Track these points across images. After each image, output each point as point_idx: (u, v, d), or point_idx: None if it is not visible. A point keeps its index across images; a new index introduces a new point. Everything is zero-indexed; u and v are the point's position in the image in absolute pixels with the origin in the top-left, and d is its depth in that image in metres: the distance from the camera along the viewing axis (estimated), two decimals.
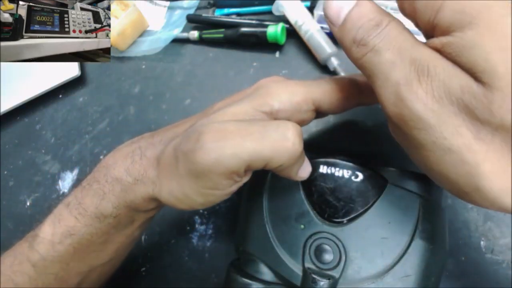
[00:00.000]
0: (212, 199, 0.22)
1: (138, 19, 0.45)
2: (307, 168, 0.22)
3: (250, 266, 0.23)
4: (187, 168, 0.20)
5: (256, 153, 0.19)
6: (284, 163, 0.20)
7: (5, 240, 0.36)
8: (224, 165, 0.19)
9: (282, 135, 0.19)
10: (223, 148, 0.19)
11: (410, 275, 0.20)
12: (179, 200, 0.22)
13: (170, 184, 0.21)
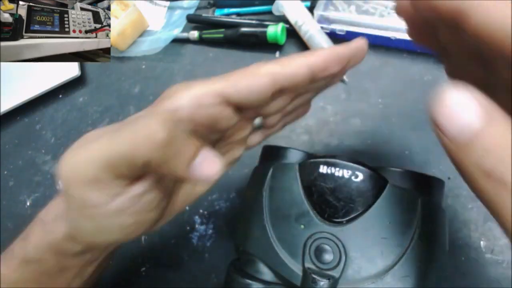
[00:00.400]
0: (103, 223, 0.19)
1: (138, 19, 0.45)
2: (206, 167, 0.18)
3: (250, 266, 0.23)
4: (63, 191, 0.18)
5: (109, 151, 0.17)
6: (150, 158, 0.17)
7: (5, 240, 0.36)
8: (77, 172, 0.17)
9: (135, 126, 0.17)
10: (75, 155, 0.18)
11: (410, 275, 0.20)
12: (79, 231, 0.19)
13: (67, 215, 0.20)
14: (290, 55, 0.22)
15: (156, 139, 0.16)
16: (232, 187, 0.33)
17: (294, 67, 0.21)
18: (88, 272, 0.23)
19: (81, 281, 0.23)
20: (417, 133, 0.33)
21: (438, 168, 0.31)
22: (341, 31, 0.38)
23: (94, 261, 0.23)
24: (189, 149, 0.18)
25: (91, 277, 0.23)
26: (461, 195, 0.29)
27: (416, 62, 0.36)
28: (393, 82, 0.36)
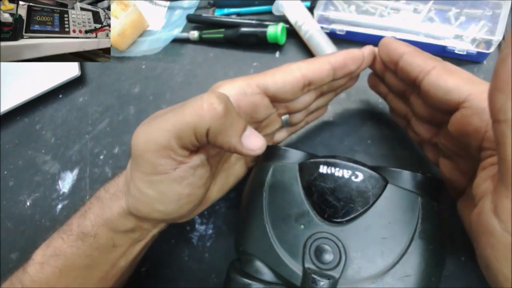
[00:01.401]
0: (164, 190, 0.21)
1: (138, 19, 0.45)
2: (253, 139, 0.22)
3: (250, 266, 0.23)
4: (131, 164, 0.21)
5: (178, 121, 0.20)
6: (211, 126, 0.20)
7: (5, 240, 0.36)
8: (152, 141, 0.20)
9: (200, 101, 0.20)
10: (149, 127, 0.21)
11: (410, 275, 0.20)
12: (137, 198, 0.22)
13: (129, 183, 0.22)
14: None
15: (217, 109, 0.20)
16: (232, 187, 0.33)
17: (319, 63, 0.25)
18: (134, 252, 0.25)
19: (126, 261, 0.25)
20: None
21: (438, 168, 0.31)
22: (341, 31, 0.38)
23: (141, 240, 0.25)
24: (240, 122, 0.21)
25: (134, 260, 0.26)
26: None
27: None
28: None
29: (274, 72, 0.25)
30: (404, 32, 0.36)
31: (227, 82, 0.25)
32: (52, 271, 0.23)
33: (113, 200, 0.23)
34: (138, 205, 0.22)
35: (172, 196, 0.22)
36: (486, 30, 0.35)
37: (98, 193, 0.24)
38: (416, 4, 0.37)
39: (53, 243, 0.24)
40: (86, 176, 0.38)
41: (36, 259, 0.24)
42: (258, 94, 0.25)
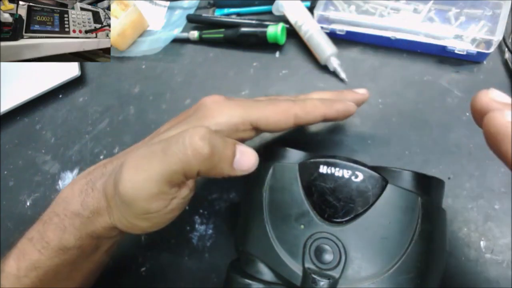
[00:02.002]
0: (158, 221, 0.22)
1: (138, 19, 0.45)
2: (245, 160, 0.22)
3: (250, 266, 0.23)
4: (118, 199, 0.21)
5: (165, 170, 0.20)
6: (200, 169, 0.20)
7: (5, 240, 0.36)
8: (142, 192, 0.20)
9: (182, 145, 0.20)
10: (135, 176, 0.20)
11: (410, 275, 0.20)
12: (129, 227, 0.23)
13: (117, 214, 0.22)
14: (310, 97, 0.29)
15: (202, 153, 0.20)
16: (232, 187, 0.33)
17: (314, 116, 0.26)
18: (112, 249, 0.26)
19: (107, 256, 0.26)
20: (417, 133, 0.33)
21: (438, 168, 0.31)
22: (341, 31, 0.38)
23: (120, 239, 0.26)
24: (229, 150, 0.21)
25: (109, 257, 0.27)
26: (461, 195, 0.29)
27: (416, 62, 0.36)
28: (393, 82, 0.36)
29: (268, 112, 0.25)
30: (404, 32, 0.36)
31: (219, 109, 0.24)
32: (31, 281, 0.23)
33: (95, 216, 0.23)
34: (130, 230, 0.23)
35: (164, 222, 0.23)
36: (486, 30, 0.35)
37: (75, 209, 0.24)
38: (416, 4, 0.37)
39: (28, 255, 0.23)
40: None
41: (11, 272, 0.23)
42: (249, 130, 0.25)
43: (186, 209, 0.33)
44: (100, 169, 0.25)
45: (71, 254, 0.24)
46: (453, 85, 0.34)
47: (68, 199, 0.24)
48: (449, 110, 0.33)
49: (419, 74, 0.36)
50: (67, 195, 0.25)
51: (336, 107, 0.27)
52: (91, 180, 0.24)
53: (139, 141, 0.28)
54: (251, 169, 0.22)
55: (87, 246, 0.24)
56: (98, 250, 0.25)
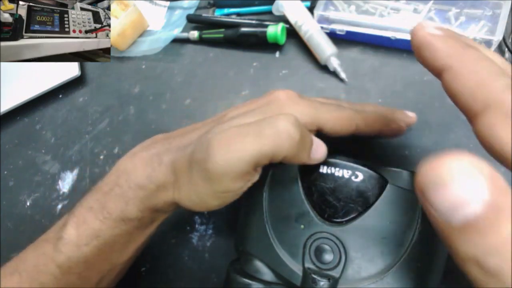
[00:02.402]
0: (226, 200, 0.23)
1: (138, 19, 0.45)
2: (320, 150, 0.23)
3: (250, 266, 0.23)
4: (201, 176, 0.22)
5: (257, 152, 0.20)
6: (287, 154, 0.21)
7: (5, 240, 0.36)
8: (232, 170, 0.20)
9: (276, 129, 0.20)
10: (228, 155, 0.20)
11: (410, 275, 0.20)
12: (196, 204, 0.23)
13: (188, 190, 0.23)
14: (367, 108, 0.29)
15: (294, 139, 0.20)
16: None
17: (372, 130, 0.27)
18: (160, 223, 0.27)
19: (156, 229, 0.27)
20: (417, 133, 0.33)
21: None
22: (341, 31, 0.38)
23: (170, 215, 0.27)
24: (309, 140, 0.22)
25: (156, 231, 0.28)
26: None
27: (416, 62, 0.36)
28: (393, 82, 0.36)
29: (335, 117, 0.25)
30: (404, 32, 0.36)
31: (292, 106, 0.25)
32: (91, 250, 0.24)
33: (161, 190, 0.24)
34: (194, 207, 0.23)
35: (227, 203, 0.23)
36: (486, 30, 0.35)
37: (140, 181, 0.24)
38: (416, 4, 0.37)
39: (89, 224, 0.24)
40: (86, 176, 0.38)
41: (71, 239, 0.24)
42: (313, 131, 0.25)
43: None
44: (163, 144, 0.26)
45: (131, 226, 0.24)
46: None
47: (131, 172, 0.25)
48: (449, 110, 0.33)
49: (419, 74, 0.36)
50: (127, 167, 0.25)
51: (392, 126, 0.29)
52: (157, 154, 0.25)
53: (139, 141, 0.27)
54: (322, 159, 0.23)
55: (145, 219, 0.25)
56: (153, 223, 0.26)
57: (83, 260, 0.24)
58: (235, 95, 0.39)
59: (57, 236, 0.25)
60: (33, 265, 0.24)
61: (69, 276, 0.24)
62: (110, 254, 0.25)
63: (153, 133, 0.28)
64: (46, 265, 0.24)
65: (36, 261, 0.24)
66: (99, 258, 0.24)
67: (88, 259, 0.24)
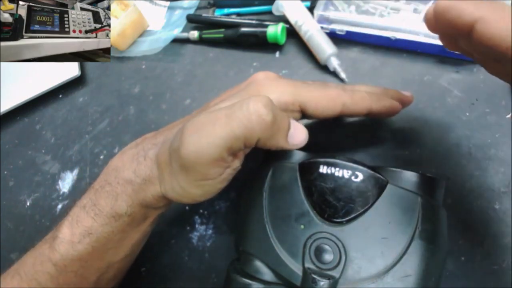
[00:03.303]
0: (209, 189, 0.23)
1: (138, 19, 0.45)
2: (299, 134, 0.23)
3: (250, 266, 0.23)
4: (177, 164, 0.22)
5: (228, 135, 0.20)
6: (261, 136, 0.20)
7: (5, 240, 0.36)
8: (204, 155, 0.20)
9: (246, 111, 0.20)
10: (198, 140, 0.20)
11: (410, 275, 0.20)
12: (181, 195, 0.23)
13: (171, 181, 0.23)
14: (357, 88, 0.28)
15: (266, 120, 0.20)
16: (232, 187, 0.33)
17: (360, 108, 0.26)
18: (158, 219, 0.27)
19: (151, 227, 0.27)
20: (417, 133, 0.33)
21: (438, 168, 0.31)
22: (341, 31, 0.38)
23: (165, 211, 0.27)
24: (285, 121, 0.22)
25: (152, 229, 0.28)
26: (461, 195, 0.29)
27: (416, 62, 0.36)
28: (393, 82, 0.36)
29: (318, 96, 0.25)
30: (404, 32, 0.36)
31: (271, 86, 0.25)
32: (84, 248, 0.24)
33: (147, 184, 0.24)
34: (180, 198, 0.23)
35: (214, 191, 0.23)
36: None
37: (127, 176, 0.24)
38: (416, 4, 0.37)
39: (81, 222, 0.24)
40: (86, 176, 0.38)
41: (65, 237, 0.24)
42: (297, 111, 0.25)
43: (186, 209, 0.33)
44: (150, 140, 0.26)
45: (122, 222, 0.24)
46: (453, 85, 0.34)
47: (119, 168, 0.25)
48: (449, 110, 0.33)
49: (419, 74, 0.36)
50: (117, 164, 0.25)
51: (383, 103, 0.27)
52: (143, 149, 0.25)
53: None
54: (302, 144, 0.23)
55: (136, 215, 0.25)
56: (146, 220, 0.26)
57: (78, 258, 0.24)
58: None
59: (53, 236, 0.25)
60: (31, 265, 0.25)
61: (66, 275, 0.24)
62: (104, 252, 0.25)
63: None
64: (42, 264, 0.24)
65: (34, 261, 0.25)
66: (93, 255, 0.24)
67: (83, 257, 0.24)
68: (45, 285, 0.24)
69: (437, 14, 0.18)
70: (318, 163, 0.23)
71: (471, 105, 0.33)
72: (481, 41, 0.16)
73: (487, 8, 0.16)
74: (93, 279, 0.25)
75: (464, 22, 0.16)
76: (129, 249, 0.26)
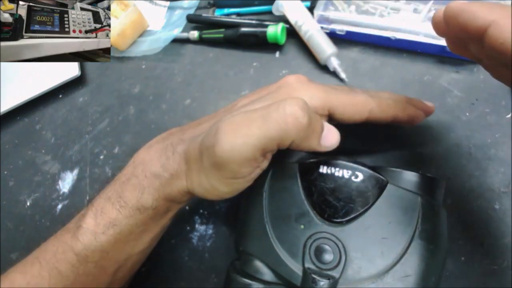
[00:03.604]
0: (237, 187, 0.23)
1: (138, 19, 0.45)
2: (331, 136, 0.23)
3: (250, 266, 0.23)
4: (210, 161, 0.22)
5: (264, 137, 0.20)
6: (295, 138, 0.20)
7: (5, 240, 0.36)
8: (239, 155, 0.20)
9: (283, 113, 0.20)
10: (234, 139, 0.20)
11: (410, 275, 0.20)
12: (208, 191, 0.23)
13: (199, 177, 0.23)
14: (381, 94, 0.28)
15: (302, 123, 0.20)
16: None
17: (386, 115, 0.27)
18: (175, 215, 0.27)
19: (171, 221, 0.28)
20: (417, 133, 0.33)
21: (438, 168, 0.31)
22: (341, 31, 0.38)
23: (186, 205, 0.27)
24: (319, 125, 0.22)
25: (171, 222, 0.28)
26: (461, 195, 0.29)
27: (416, 62, 0.36)
28: (393, 82, 0.36)
29: (347, 101, 0.25)
30: (404, 32, 0.36)
31: (302, 90, 0.25)
32: (107, 239, 0.24)
33: (174, 179, 0.24)
34: (206, 194, 0.24)
35: (240, 189, 0.24)
36: None
37: (155, 170, 0.25)
38: (416, 4, 0.37)
39: (106, 213, 0.25)
40: (86, 176, 0.38)
41: (89, 228, 0.25)
42: (325, 115, 0.25)
43: (186, 209, 0.33)
44: (177, 135, 0.26)
45: (147, 215, 0.25)
46: (453, 85, 0.34)
47: (147, 162, 0.25)
48: (449, 110, 0.33)
49: (419, 74, 0.36)
50: (144, 158, 0.26)
51: (408, 111, 0.28)
52: (171, 144, 0.25)
53: (139, 141, 0.28)
54: (334, 146, 0.23)
55: (160, 208, 0.25)
56: (168, 214, 0.26)
57: (100, 249, 0.24)
58: (235, 95, 0.39)
59: (76, 225, 0.25)
60: (52, 254, 0.25)
61: (86, 265, 0.24)
62: (125, 244, 0.25)
63: (153, 133, 0.28)
64: (64, 253, 0.24)
65: (56, 250, 0.25)
66: (115, 247, 0.25)
67: (105, 248, 0.24)
68: (65, 274, 0.24)
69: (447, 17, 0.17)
70: (318, 163, 0.23)
71: (471, 105, 0.33)
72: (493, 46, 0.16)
73: (501, 12, 0.16)
74: (112, 271, 0.26)
75: (477, 26, 0.16)
76: (148, 242, 0.26)
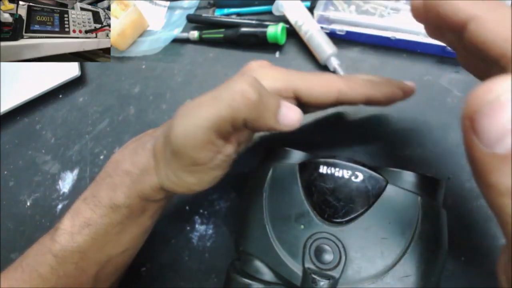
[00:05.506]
0: (203, 177, 0.23)
1: (138, 19, 0.45)
2: (291, 114, 0.22)
3: (250, 266, 0.23)
4: (169, 150, 0.22)
5: (214, 116, 0.20)
6: (248, 116, 0.20)
7: (5, 240, 0.36)
8: (192, 137, 0.20)
9: (232, 91, 0.20)
10: (185, 122, 0.21)
11: (410, 275, 0.20)
12: (176, 184, 0.23)
13: (166, 170, 0.23)
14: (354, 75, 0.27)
15: (251, 99, 0.20)
16: (232, 187, 0.33)
17: (358, 94, 0.25)
18: (159, 212, 0.27)
19: (152, 221, 0.27)
20: (417, 133, 0.33)
21: (438, 168, 0.31)
22: (341, 31, 0.38)
23: (165, 204, 0.27)
24: (274, 103, 0.21)
25: (157, 219, 0.28)
26: (461, 195, 0.29)
27: (416, 62, 0.36)
28: None
29: (312, 81, 0.25)
30: (404, 32, 0.36)
31: (264, 73, 0.25)
32: (83, 239, 0.24)
33: (145, 175, 0.24)
34: (176, 188, 0.24)
35: (209, 180, 0.23)
36: None
37: (126, 168, 0.25)
38: None
39: (81, 214, 0.25)
40: (86, 176, 0.38)
41: (66, 229, 0.25)
42: (291, 98, 0.25)
43: (186, 209, 0.33)
44: (150, 134, 0.26)
45: (121, 214, 0.25)
46: (453, 85, 0.34)
47: (119, 161, 0.25)
48: (449, 110, 0.33)
49: (419, 74, 0.36)
50: (118, 158, 0.26)
51: (381, 89, 0.27)
52: (142, 142, 0.26)
53: None
54: (295, 125, 0.22)
55: (135, 207, 0.25)
56: (145, 213, 0.26)
57: (77, 250, 0.24)
58: None
59: (54, 228, 0.25)
60: (33, 257, 0.25)
61: (66, 266, 0.24)
62: (103, 244, 0.25)
63: None
64: (43, 255, 0.24)
65: (35, 253, 0.25)
66: (92, 247, 0.25)
67: (82, 248, 0.24)
68: (45, 277, 0.24)
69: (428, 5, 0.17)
70: (318, 163, 0.23)
71: None
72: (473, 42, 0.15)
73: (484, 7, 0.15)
74: (93, 273, 0.25)
75: (457, 19, 0.15)
76: (128, 243, 0.26)
